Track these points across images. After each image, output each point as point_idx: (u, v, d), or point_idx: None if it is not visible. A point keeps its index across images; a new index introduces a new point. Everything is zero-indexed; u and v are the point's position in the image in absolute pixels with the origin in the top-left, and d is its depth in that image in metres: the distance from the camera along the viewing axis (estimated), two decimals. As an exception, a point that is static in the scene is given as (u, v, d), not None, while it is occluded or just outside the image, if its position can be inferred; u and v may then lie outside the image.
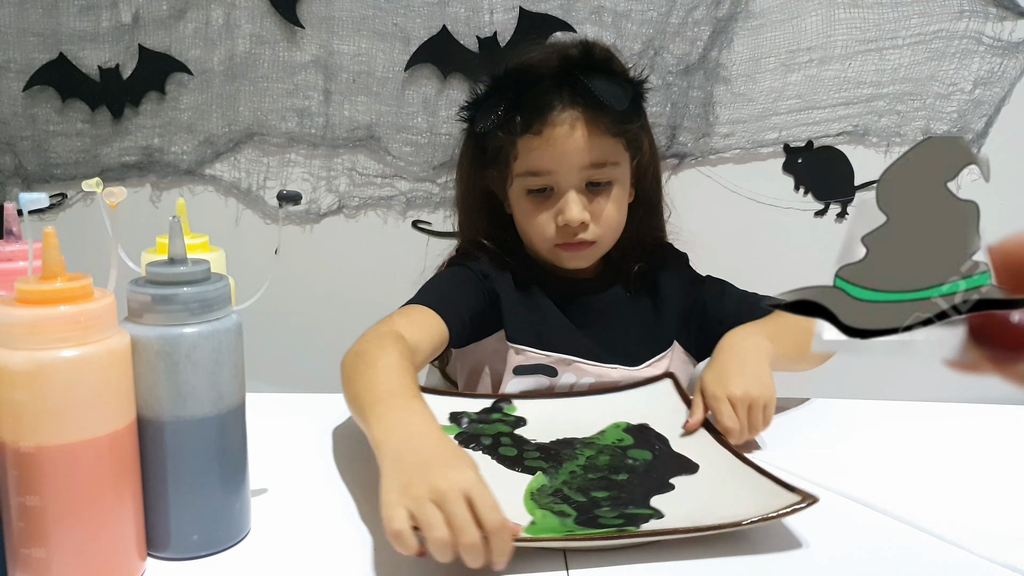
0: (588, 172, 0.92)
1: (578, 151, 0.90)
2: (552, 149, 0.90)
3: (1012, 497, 0.68)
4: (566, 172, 0.91)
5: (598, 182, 0.93)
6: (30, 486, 0.49)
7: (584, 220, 0.92)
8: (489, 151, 0.95)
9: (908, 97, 1.24)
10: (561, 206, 0.92)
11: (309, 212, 1.33)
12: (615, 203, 0.94)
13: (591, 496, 0.66)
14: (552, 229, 0.93)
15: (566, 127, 0.90)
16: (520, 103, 0.90)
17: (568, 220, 0.91)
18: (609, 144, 0.92)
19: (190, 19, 1.28)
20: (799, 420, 0.85)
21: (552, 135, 0.90)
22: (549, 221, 0.93)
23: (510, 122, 0.91)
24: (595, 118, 0.90)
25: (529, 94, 0.90)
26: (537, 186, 0.93)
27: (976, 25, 1.21)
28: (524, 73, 0.92)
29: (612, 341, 0.97)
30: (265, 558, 0.58)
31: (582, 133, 0.90)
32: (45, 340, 0.48)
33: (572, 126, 0.90)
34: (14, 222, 0.61)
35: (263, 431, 0.80)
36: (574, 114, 0.90)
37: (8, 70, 1.30)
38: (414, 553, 0.53)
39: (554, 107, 0.90)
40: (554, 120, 0.90)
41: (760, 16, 1.23)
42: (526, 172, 0.93)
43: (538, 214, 0.94)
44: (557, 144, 0.90)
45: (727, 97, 1.25)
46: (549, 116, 0.90)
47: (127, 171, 1.33)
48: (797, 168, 1.27)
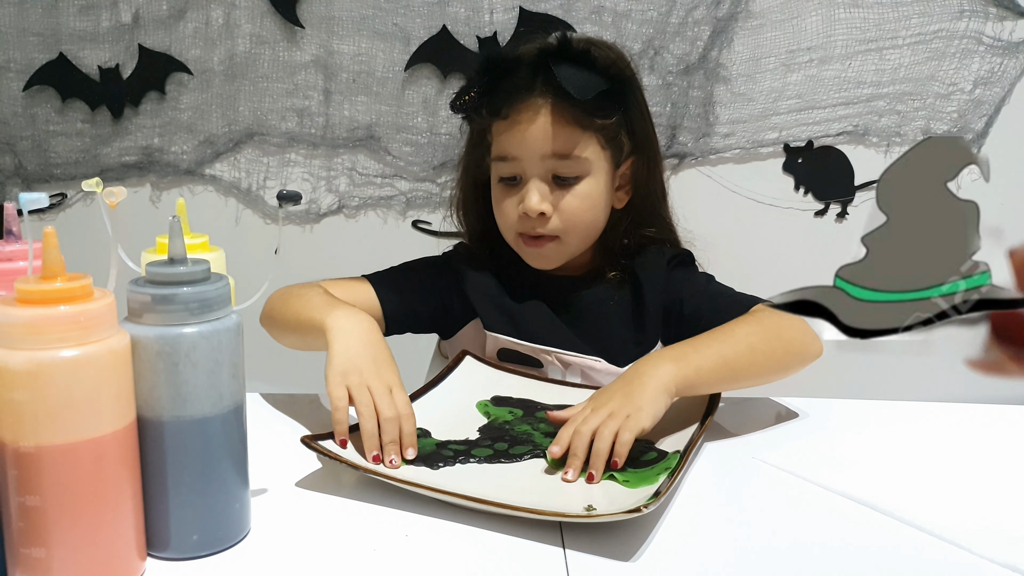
0: (552, 162, 0.91)
1: (541, 138, 0.90)
2: (517, 134, 0.91)
3: (1012, 497, 0.68)
4: (529, 159, 0.91)
5: (565, 176, 0.92)
6: (30, 486, 0.49)
7: (543, 211, 0.91)
8: (475, 135, 0.98)
9: (908, 97, 1.24)
10: (523, 195, 0.92)
11: (309, 212, 1.33)
12: (582, 200, 0.92)
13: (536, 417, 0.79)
14: (515, 218, 0.93)
15: (530, 112, 0.90)
16: (495, 87, 0.91)
17: (526, 208, 0.91)
18: (576, 136, 0.91)
19: (190, 19, 1.28)
20: (799, 420, 0.85)
21: (517, 119, 0.90)
22: (512, 209, 0.93)
23: (485, 105, 0.92)
24: (560, 106, 0.90)
25: (505, 80, 0.91)
26: (507, 173, 0.93)
27: (976, 25, 1.21)
28: (505, 60, 0.93)
29: (597, 338, 0.97)
30: (265, 558, 0.58)
31: (546, 120, 0.90)
32: (45, 340, 0.48)
33: (536, 112, 0.90)
34: (14, 222, 0.61)
35: (263, 431, 0.80)
36: (540, 101, 0.90)
37: (8, 70, 1.30)
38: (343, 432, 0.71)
39: (522, 92, 0.90)
40: (519, 106, 0.90)
41: (760, 16, 1.23)
42: (497, 157, 0.94)
43: (505, 202, 0.94)
44: (520, 129, 0.90)
45: (727, 97, 1.25)
46: (516, 100, 0.90)
47: (127, 171, 1.33)
48: (797, 168, 1.27)
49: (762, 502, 0.66)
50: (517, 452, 0.73)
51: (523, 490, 0.65)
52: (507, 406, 0.84)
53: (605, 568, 0.56)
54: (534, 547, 0.59)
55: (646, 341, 0.98)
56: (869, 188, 1.28)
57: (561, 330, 0.96)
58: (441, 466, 0.70)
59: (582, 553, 0.58)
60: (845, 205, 1.28)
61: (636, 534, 0.60)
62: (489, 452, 0.73)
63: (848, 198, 1.28)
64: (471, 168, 1.01)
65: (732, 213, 1.28)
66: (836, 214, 1.28)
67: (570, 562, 0.57)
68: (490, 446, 0.74)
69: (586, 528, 0.61)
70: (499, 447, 0.74)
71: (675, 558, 0.58)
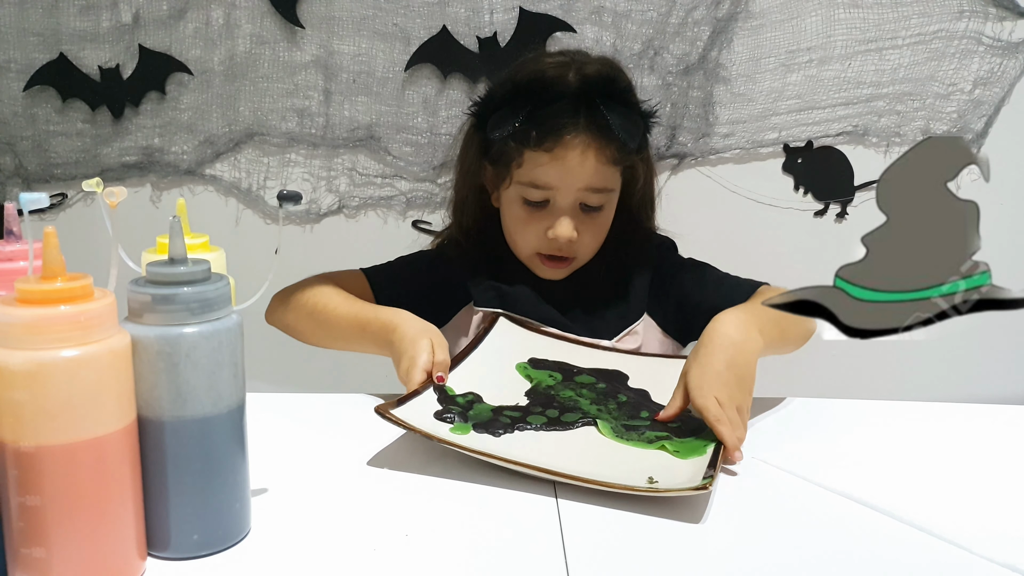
0: (585, 194, 0.95)
1: (583, 175, 0.93)
2: (559, 169, 0.93)
3: (1012, 497, 0.68)
4: (566, 191, 0.94)
5: (591, 205, 0.96)
6: (30, 486, 0.49)
7: (572, 239, 0.95)
8: (494, 151, 0.97)
9: (908, 97, 1.24)
10: (552, 222, 0.95)
11: (309, 212, 1.33)
12: (602, 226, 0.99)
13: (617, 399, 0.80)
14: (538, 240, 0.97)
15: (578, 152, 0.92)
16: (536, 117, 0.92)
17: (557, 236, 0.95)
18: (611, 172, 0.96)
19: (190, 19, 1.28)
20: (799, 420, 0.85)
21: (563, 155, 0.92)
22: (539, 233, 0.97)
23: (524, 134, 0.93)
24: (605, 147, 0.93)
25: (547, 110, 0.92)
26: (535, 198, 0.96)
27: (976, 25, 1.21)
28: (544, 88, 0.93)
29: (582, 318, 1.00)
30: (265, 558, 0.58)
31: (591, 159, 0.93)
32: (45, 340, 0.48)
33: (584, 152, 0.92)
34: (14, 222, 0.61)
35: (263, 431, 0.80)
36: (587, 140, 0.92)
37: (8, 70, 1.30)
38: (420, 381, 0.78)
39: (569, 130, 0.92)
40: (567, 142, 0.92)
41: (760, 16, 1.23)
42: (528, 183, 0.95)
43: (529, 223, 0.97)
44: (565, 164, 0.93)
45: (727, 97, 1.25)
46: (563, 137, 0.92)
47: (127, 171, 1.33)
48: (797, 168, 1.27)
49: (762, 502, 0.66)
50: (569, 420, 0.76)
51: (580, 459, 0.69)
52: (545, 369, 0.87)
53: (604, 568, 0.56)
54: (534, 548, 0.59)
55: (629, 314, 1.01)
56: (869, 188, 1.28)
57: (549, 311, 0.99)
58: (501, 433, 0.73)
59: (582, 543, 0.58)
60: (845, 205, 1.28)
61: (636, 534, 0.60)
62: (543, 420, 0.76)
63: (848, 198, 1.28)
64: (472, 172, 1.03)
65: (732, 213, 1.28)
66: (836, 214, 1.28)
67: (568, 555, 0.57)
68: (542, 412, 0.78)
69: (587, 515, 0.61)
70: (551, 414, 0.77)
71: (675, 557, 0.58)
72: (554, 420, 0.76)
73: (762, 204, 1.28)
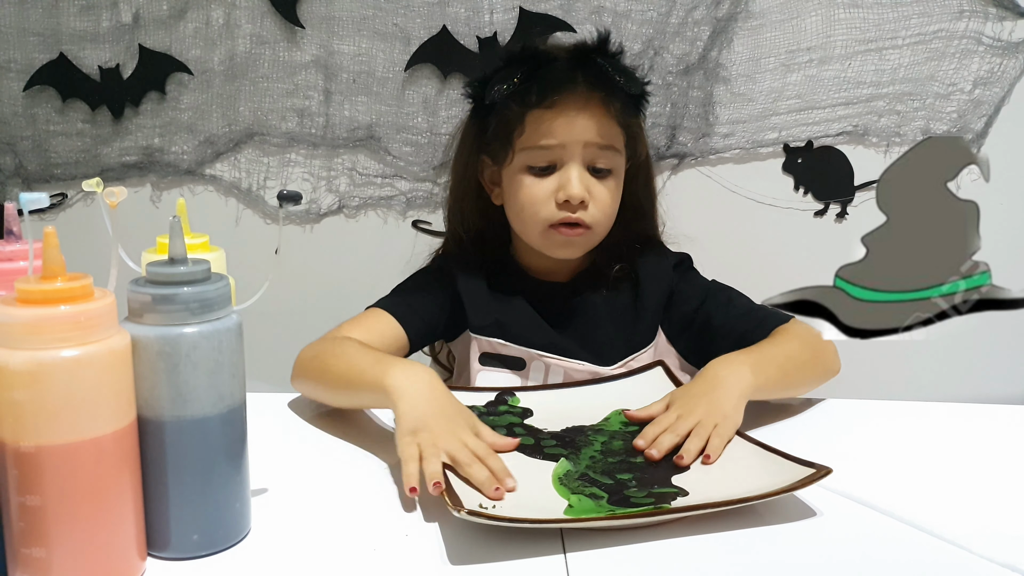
0: (594, 152, 0.93)
1: (589, 128, 0.92)
2: (563, 122, 0.91)
3: (1012, 497, 0.68)
4: (573, 146, 0.92)
5: (600, 168, 0.94)
6: (30, 486, 0.49)
7: (584, 199, 0.92)
8: (493, 125, 0.95)
9: (908, 97, 1.24)
10: (563, 181, 0.92)
11: (309, 212, 1.33)
12: (611, 193, 0.95)
13: (617, 478, 0.68)
14: (550, 207, 0.93)
15: (581, 101, 0.91)
16: (536, 75, 0.92)
17: (570, 195, 0.91)
18: (616, 130, 0.94)
19: (190, 19, 1.28)
20: (799, 420, 0.85)
21: (566, 108, 0.91)
22: (549, 199, 0.93)
23: (525, 92, 0.92)
24: (608, 100, 0.92)
25: (544, 70, 0.92)
26: (540, 162, 0.93)
27: (976, 25, 1.21)
28: (540, 52, 0.94)
29: (585, 339, 0.97)
30: (265, 558, 0.58)
31: (595, 111, 0.92)
32: (45, 340, 0.48)
33: (587, 101, 0.91)
34: (14, 222, 0.61)
35: (263, 431, 0.80)
36: (587, 93, 0.91)
37: (8, 70, 1.30)
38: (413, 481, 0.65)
39: (569, 81, 0.91)
40: (568, 96, 0.91)
41: (760, 16, 1.23)
42: (532, 146, 0.93)
43: (537, 191, 0.93)
44: (568, 117, 0.91)
45: (727, 97, 1.25)
46: (564, 90, 0.91)
47: (127, 171, 1.33)
48: (797, 168, 1.27)
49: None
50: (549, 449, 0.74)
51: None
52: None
53: (604, 567, 0.56)
54: (534, 547, 0.59)
55: (636, 341, 0.98)
56: (869, 188, 1.28)
57: (548, 333, 0.97)
58: None
59: (582, 552, 0.58)
60: (845, 205, 1.28)
61: (635, 533, 0.60)
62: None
63: (848, 198, 1.28)
64: (471, 167, 1.01)
65: (732, 213, 1.28)
66: (836, 214, 1.28)
67: (570, 563, 0.57)
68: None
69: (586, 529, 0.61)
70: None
71: (674, 557, 0.58)
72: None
73: (762, 204, 1.28)
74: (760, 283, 0.99)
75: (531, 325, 0.97)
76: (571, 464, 0.71)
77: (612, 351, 0.97)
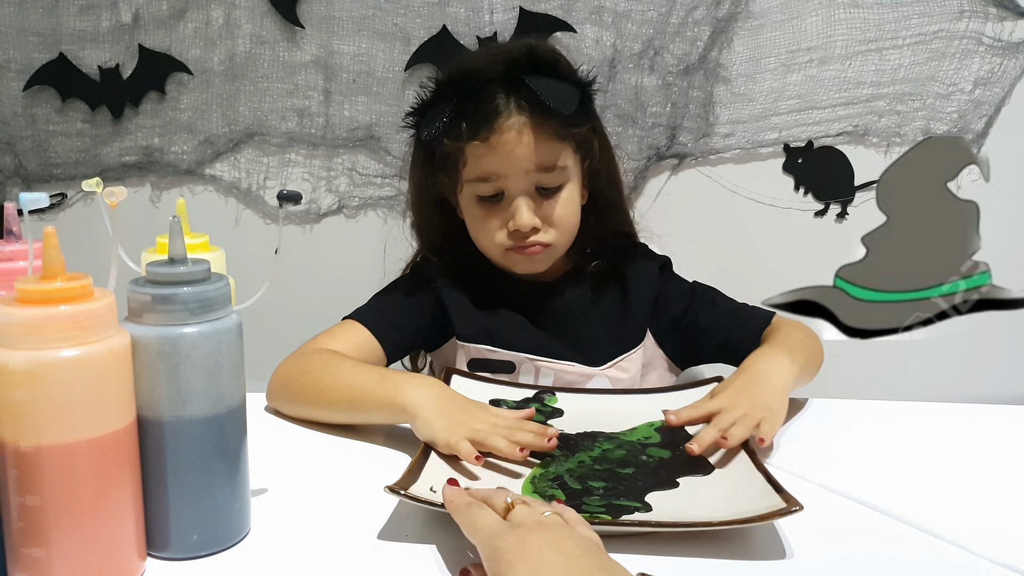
0: (537, 176, 0.92)
1: (526, 156, 0.90)
2: (500, 155, 0.90)
3: (1012, 497, 0.68)
4: (515, 177, 0.91)
5: (548, 186, 0.93)
6: (30, 486, 0.49)
7: (535, 225, 0.92)
8: (437, 157, 0.95)
9: (908, 97, 1.24)
10: (511, 212, 0.92)
11: (309, 212, 1.33)
12: (566, 205, 0.94)
13: (587, 484, 0.67)
14: (503, 235, 0.94)
15: (513, 133, 0.89)
16: (466, 109, 0.90)
17: (519, 226, 0.92)
18: (557, 148, 0.92)
19: (190, 19, 1.28)
20: (799, 420, 0.85)
21: (500, 141, 0.90)
22: (500, 227, 0.94)
23: (456, 128, 0.90)
24: (542, 122, 0.90)
25: (475, 100, 0.90)
26: (487, 192, 0.93)
27: (976, 25, 1.21)
28: (469, 78, 0.92)
29: (573, 340, 0.97)
30: (265, 558, 0.58)
31: (529, 138, 0.90)
32: (45, 340, 0.48)
33: (520, 132, 0.90)
34: (14, 222, 0.61)
35: (263, 431, 0.80)
36: (521, 119, 0.90)
37: (8, 70, 1.30)
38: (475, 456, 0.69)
39: (500, 113, 0.89)
40: (501, 126, 0.89)
41: (760, 16, 1.22)
42: (476, 178, 0.92)
43: (488, 220, 0.94)
44: (505, 150, 0.90)
45: (727, 97, 1.25)
46: (496, 123, 0.89)
47: (127, 171, 1.33)
48: (797, 168, 1.27)
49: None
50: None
51: None
52: None
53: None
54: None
55: (625, 341, 0.98)
56: (869, 188, 1.28)
57: (535, 335, 0.97)
58: None
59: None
60: (845, 205, 1.28)
61: (634, 537, 0.60)
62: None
63: (848, 198, 1.28)
64: (426, 187, 1.00)
65: (732, 213, 1.28)
66: (836, 214, 1.28)
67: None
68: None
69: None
70: None
71: (673, 557, 0.58)
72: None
73: (762, 204, 1.28)
74: (760, 283, 0.99)
75: (518, 329, 0.97)
76: (553, 466, 0.71)
77: (601, 351, 0.97)
